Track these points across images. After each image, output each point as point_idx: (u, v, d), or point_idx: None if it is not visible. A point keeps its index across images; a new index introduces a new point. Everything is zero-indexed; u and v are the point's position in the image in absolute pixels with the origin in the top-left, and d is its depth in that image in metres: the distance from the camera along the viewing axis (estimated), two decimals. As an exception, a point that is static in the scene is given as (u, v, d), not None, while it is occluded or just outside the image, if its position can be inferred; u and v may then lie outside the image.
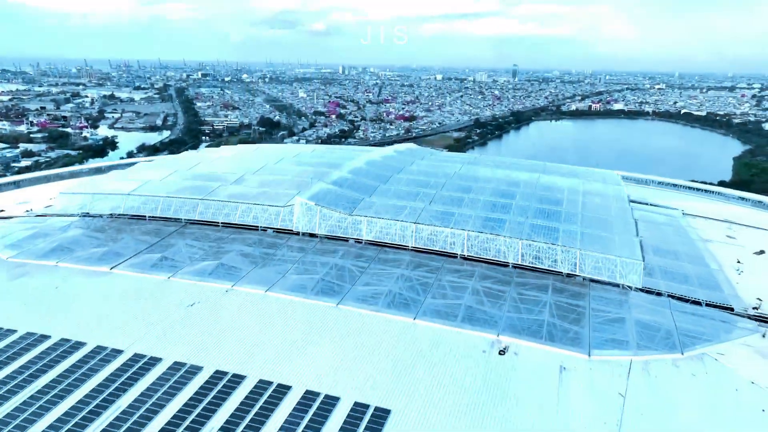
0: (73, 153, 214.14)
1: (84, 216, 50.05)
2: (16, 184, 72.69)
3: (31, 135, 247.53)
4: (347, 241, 43.63)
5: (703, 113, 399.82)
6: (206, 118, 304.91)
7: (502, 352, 30.89)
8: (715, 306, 37.40)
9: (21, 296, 36.45)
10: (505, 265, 39.94)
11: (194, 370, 29.06)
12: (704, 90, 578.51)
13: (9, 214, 54.65)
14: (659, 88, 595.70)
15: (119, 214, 49.22)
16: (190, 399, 26.97)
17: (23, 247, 43.72)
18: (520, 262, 39.08)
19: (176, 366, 29.38)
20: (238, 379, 28.35)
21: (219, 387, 27.81)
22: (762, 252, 49.58)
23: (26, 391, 27.52)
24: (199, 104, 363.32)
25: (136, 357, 30.11)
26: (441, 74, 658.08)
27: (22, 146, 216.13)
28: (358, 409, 26.42)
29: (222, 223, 46.38)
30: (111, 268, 39.83)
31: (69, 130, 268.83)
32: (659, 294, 37.75)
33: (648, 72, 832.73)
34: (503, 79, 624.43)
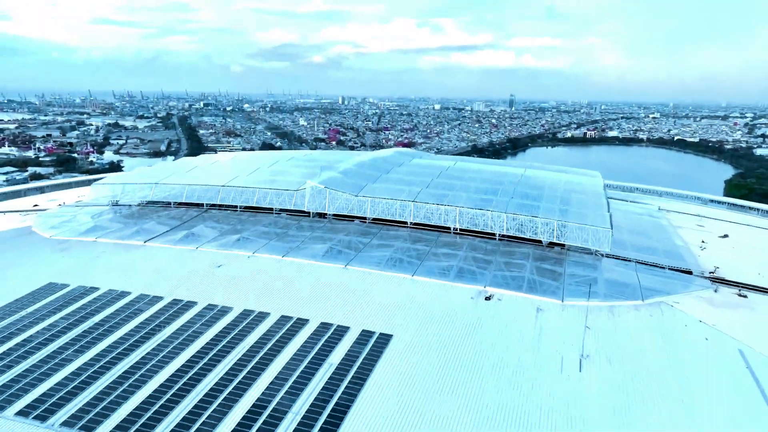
0: (80, 176, 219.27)
1: (114, 205, 55.44)
2: (40, 190, 78.14)
3: (40, 159, 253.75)
4: (353, 220, 49.04)
5: (696, 140, 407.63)
6: (209, 144, 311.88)
7: (488, 299, 36.02)
8: (676, 270, 42.63)
9: (80, 264, 41.69)
10: (493, 236, 45.35)
11: (225, 310, 34.18)
12: (698, 119, 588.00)
13: (43, 208, 60.03)
14: (654, 117, 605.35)
15: (147, 202, 54.68)
16: (225, 328, 32.14)
17: (63, 228, 49.05)
18: (505, 233, 44.44)
19: (211, 306, 34.51)
20: (262, 316, 33.45)
21: (247, 321, 32.90)
22: (726, 236, 54.92)
23: (129, 324, 32.69)
24: (201, 131, 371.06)
25: (182, 302, 35.29)
26: (439, 104, 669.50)
27: (31, 170, 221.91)
28: (365, 334, 31.51)
29: (240, 207, 51.88)
30: (144, 242, 45.10)
31: (75, 155, 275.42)
32: (628, 260, 43.02)
33: (643, 102, 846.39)
34: (500, 109, 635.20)
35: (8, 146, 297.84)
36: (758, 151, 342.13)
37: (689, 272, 42.41)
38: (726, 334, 33.14)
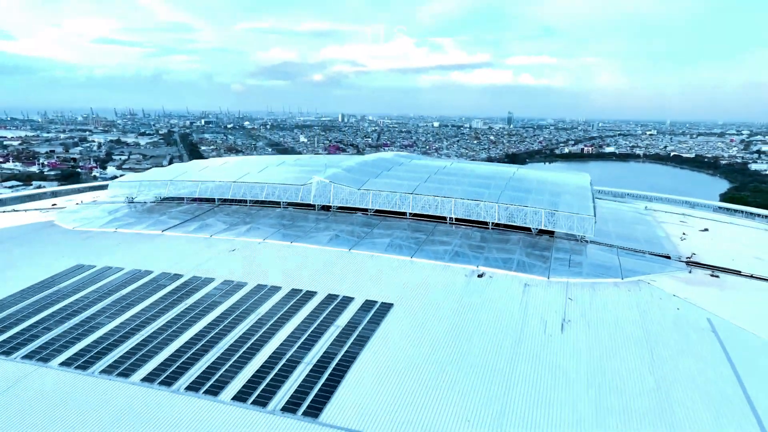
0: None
1: (130, 202, 58.92)
2: (55, 194, 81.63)
3: (44, 173, 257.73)
4: (356, 212, 52.53)
5: (692, 155, 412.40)
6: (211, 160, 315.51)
7: (480, 276, 39.39)
8: (655, 254, 46.03)
9: (103, 249, 45.10)
10: (486, 225, 48.81)
11: (241, 285, 37.49)
12: (694, 135, 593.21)
13: (62, 206, 63.48)
14: (650, 134, 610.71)
15: (162, 199, 58.19)
16: (241, 298, 35.45)
17: (83, 221, 52.49)
18: (497, 221, 47.93)
19: (228, 282, 37.86)
20: (274, 289, 36.78)
21: (261, 293, 36.20)
22: (706, 230, 58.35)
23: (154, 296, 36.09)
24: (203, 148, 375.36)
25: (200, 279, 38.66)
26: (438, 121, 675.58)
27: (36, 183, 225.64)
28: (369, 303, 34.82)
29: (250, 201, 55.40)
30: (162, 231, 48.53)
31: (79, 170, 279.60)
32: (611, 246, 46.47)
33: (640, 120, 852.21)
34: (499, 126, 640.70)
35: (12, 161, 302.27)
36: (753, 166, 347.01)
37: (667, 257, 45.79)
38: (696, 305, 36.46)
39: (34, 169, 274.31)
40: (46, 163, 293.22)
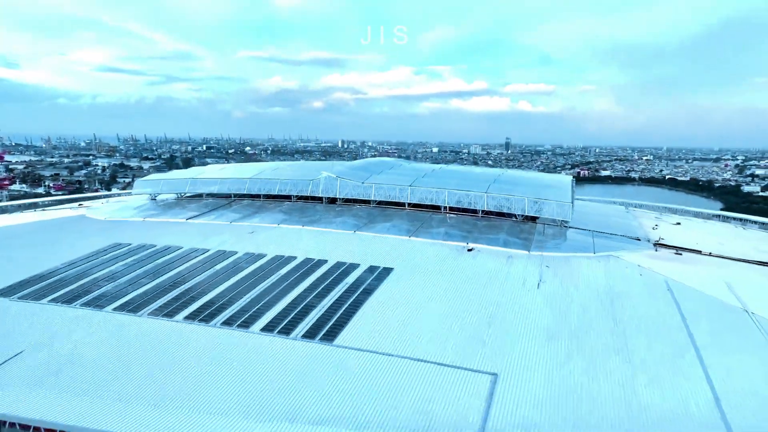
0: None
1: (153, 199, 64.73)
2: (79, 202, 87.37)
3: (51, 194, 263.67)
4: (360, 204, 58.32)
5: (687, 179, 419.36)
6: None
7: (469, 250, 45.03)
8: (626, 237, 51.71)
9: (136, 231, 50.81)
10: (476, 213, 54.58)
11: (261, 255, 43.05)
12: (690, 161, 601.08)
13: (88, 205, 69.26)
14: (647, 159, 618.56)
15: (183, 196, 64.01)
16: (262, 265, 41.01)
17: (113, 214, 58.24)
18: (486, 209, 53.72)
19: (249, 254, 43.45)
20: (291, 258, 42.35)
21: (279, 261, 41.75)
22: (678, 224, 64.09)
23: (185, 265, 41.65)
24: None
25: (225, 252, 44.25)
26: (437, 147, 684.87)
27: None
28: (372, 267, 40.38)
29: (263, 196, 61.25)
30: (186, 219, 54.26)
31: (85, 191, 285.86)
32: (588, 230, 52.17)
33: (637, 146, 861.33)
34: (497, 152, 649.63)
35: (19, 183, 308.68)
36: (746, 188, 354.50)
37: (638, 239, 51.48)
38: (656, 272, 42.00)
39: (41, 190, 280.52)
40: (51, 185, 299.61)
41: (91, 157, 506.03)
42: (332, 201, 59.47)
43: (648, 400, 24.85)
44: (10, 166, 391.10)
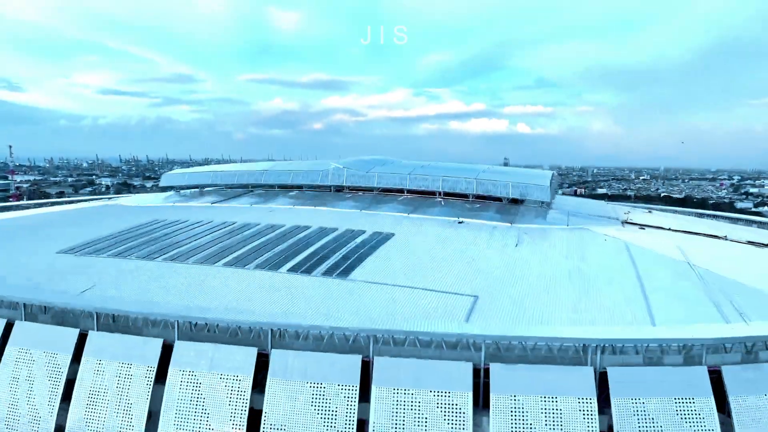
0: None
1: (177, 191, 72.09)
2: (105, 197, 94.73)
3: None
4: (364, 192, 65.68)
5: (682, 196, 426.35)
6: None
7: (460, 222, 52.28)
8: (599, 216, 58.98)
9: (168, 211, 58.03)
10: (467, 197, 61.94)
11: (280, 226, 50.11)
12: (686, 180, 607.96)
13: (117, 199, 76.58)
14: (643, 179, 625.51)
15: (206, 187, 71.44)
16: (280, 232, 48.14)
17: (143, 202, 65.59)
18: (476, 193, 61.09)
19: (269, 225, 50.58)
20: (306, 227, 49.42)
21: (296, 230, 48.87)
22: (650, 211, 71.37)
23: (213, 234, 48.92)
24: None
25: (249, 224, 51.42)
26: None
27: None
28: (376, 233, 47.51)
29: (277, 186, 68.66)
30: (212, 204, 61.59)
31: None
32: (566, 212, 59.50)
33: (635, 167, 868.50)
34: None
35: (26, 200, 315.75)
36: (738, 204, 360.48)
37: (608, 218, 58.74)
38: (620, 239, 49.14)
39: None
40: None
41: (94, 176, 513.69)
42: (339, 190, 66.77)
43: (593, 317, 31.81)
44: (16, 185, 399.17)
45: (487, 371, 25.98)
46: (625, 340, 26.09)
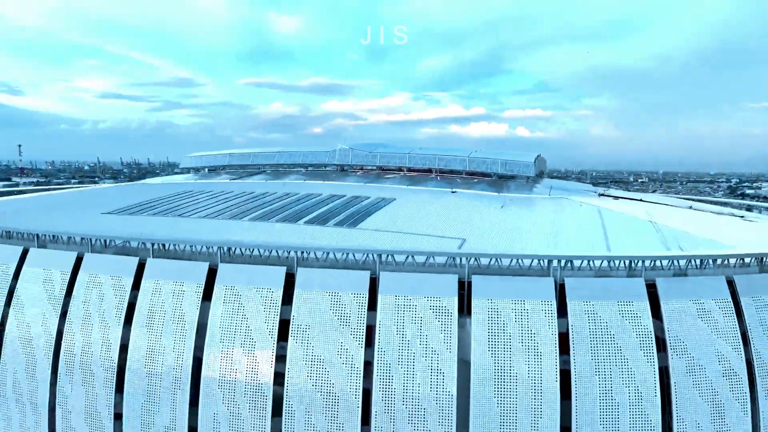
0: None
1: (197, 172, 78.80)
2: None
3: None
4: (367, 171, 72.46)
5: (678, 197, 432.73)
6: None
7: (453, 192, 59.03)
8: (578, 190, 65.70)
9: (191, 186, 64.72)
10: (461, 173, 68.72)
11: (294, 193, 56.78)
12: (684, 182, 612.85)
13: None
14: (642, 181, 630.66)
15: (221, 167, 78.23)
16: (295, 198, 54.85)
17: (168, 180, 72.27)
18: (468, 170, 67.85)
19: (284, 193, 57.24)
20: (318, 194, 56.10)
21: (309, 195, 55.55)
22: (628, 190, 77.89)
23: (237, 200, 55.67)
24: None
25: (267, 192, 58.06)
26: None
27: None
28: (379, 198, 54.19)
29: (287, 165, 75.43)
30: (230, 180, 68.33)
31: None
32: (549, 186, 66.24)
33: (634, 170, 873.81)
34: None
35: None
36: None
37: (587, 191, 65.46)
38: (593, 205, 55.80)
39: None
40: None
41: (96, 179, 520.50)
42: (344, 170, 73.55)
43: (561, 252, 38.48)
44: (20, 186, 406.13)
45: (470, 285, 32.53)
46: (580, 256, 32.64)
